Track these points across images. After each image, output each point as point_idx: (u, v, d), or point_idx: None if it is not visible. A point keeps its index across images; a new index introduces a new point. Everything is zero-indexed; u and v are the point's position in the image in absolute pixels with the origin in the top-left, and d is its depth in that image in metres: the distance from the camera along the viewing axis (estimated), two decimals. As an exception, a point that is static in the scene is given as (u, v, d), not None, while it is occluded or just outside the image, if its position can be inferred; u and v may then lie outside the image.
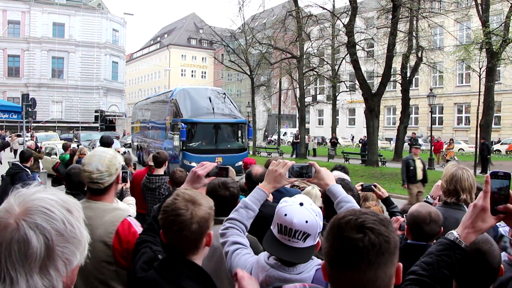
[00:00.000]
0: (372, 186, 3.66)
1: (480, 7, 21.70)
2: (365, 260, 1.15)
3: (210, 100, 18.57)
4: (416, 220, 2.60)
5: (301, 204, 1.80)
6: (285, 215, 1.78)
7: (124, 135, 49.67)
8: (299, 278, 1.71)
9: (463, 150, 34.76)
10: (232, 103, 20.27)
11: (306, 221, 1.75)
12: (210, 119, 17.92)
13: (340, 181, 2.64)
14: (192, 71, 79.14)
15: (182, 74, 76.35)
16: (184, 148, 17.06)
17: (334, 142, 30.67)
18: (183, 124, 16.79)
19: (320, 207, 2.12)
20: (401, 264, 1.24)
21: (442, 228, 2.59)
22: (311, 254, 1.79)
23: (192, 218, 1.75)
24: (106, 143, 8.02)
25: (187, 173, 5.23)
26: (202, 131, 17.93)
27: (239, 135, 19.24)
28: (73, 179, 3.82)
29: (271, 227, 1.93)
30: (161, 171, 5.95)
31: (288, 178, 2.16)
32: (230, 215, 2.18)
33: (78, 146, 12.30)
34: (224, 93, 20.56)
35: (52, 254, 1.04)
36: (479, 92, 20.88)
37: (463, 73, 39.82)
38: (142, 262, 1.90)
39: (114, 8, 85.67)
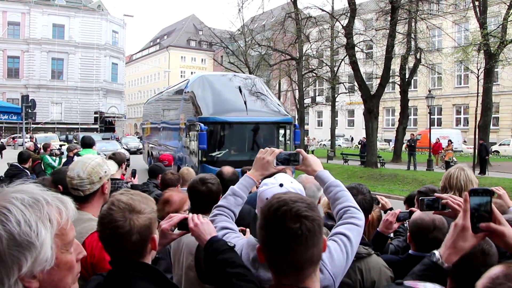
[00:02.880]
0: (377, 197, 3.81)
1: (478, 9, 21.76)
2: (303, 244, 1.33)
3: (241, 91, 13.38)
4: (420, 227, 2.53)
5: (281, 185, 1.84)
6: (267, 199, 1.76)
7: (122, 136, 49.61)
8: None
9: (462, 151, 34.80)
10: (270, 95, 14.90)
11: None
12: (241, 117, 12.56)
13: (357, 184, 2.69)
14: (192, 72, 78.96)
15: (181, 75, 76.30)
16: (204, 159, 12.12)
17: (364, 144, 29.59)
18: (202, 125, 11.79)
19: None
20: (325, 237, 1.45)
21: None
22: None
23: (131, 229, 1.59)
24: (87, 144, 7.51)
25: (180, 176, 4.98)
26: (230, 134, 12.82)
27: (283, 139, 13.92)
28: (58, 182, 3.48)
29: (256, 211, 2.00)
30: (117, 174, 5.38)
31: (276, 165, 2.18)
32: (219, 202, 2.21)
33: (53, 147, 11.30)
34: (258, 82, 15.03)
35: (3, 259, 0.98)
36: (477, 93, 20.95)
37: (462, 75, 39.88)
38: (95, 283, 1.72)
39: (114, 10, 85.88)
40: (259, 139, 13.12)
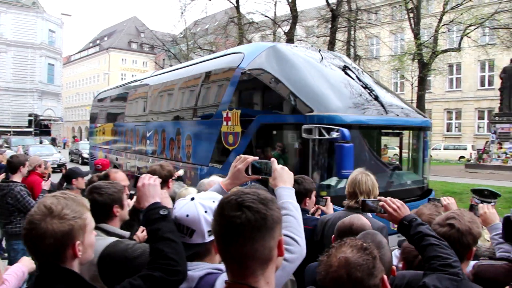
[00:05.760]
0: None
1: (412, 21, 22.82)
2: (241, 235, 1.27)
3: (349, 75, 7.81)
4: (341, 231, 2.60)
5: (193, 198, 1.76)
6: (174, 208, 1.78)
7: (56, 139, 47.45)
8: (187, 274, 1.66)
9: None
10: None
11: (187, 215, 1.70)
12: (386, 118, 7.13)
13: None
14: (133, 75, 77.21)
15: (122, 78, 74.44)
16: (324, 194, 5.69)
17: None
18: (344, 130, 5.66)
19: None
20: (282, 238, 1.37)
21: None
22: (193, 251, 1.71)
23: (44, 232, 1.56)
24: None
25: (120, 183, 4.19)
26: (362, 146, 7.06)
27: (417, 153, 9.10)
28: None
29: None
30: (16, 177, 4.98)
31: (249, 175, 2.06)
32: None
33: None
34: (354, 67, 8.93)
35: None
36: (412, 100, 21.93)
37: (398, 82, 41.61)
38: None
39: (51, 8, 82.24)
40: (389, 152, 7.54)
